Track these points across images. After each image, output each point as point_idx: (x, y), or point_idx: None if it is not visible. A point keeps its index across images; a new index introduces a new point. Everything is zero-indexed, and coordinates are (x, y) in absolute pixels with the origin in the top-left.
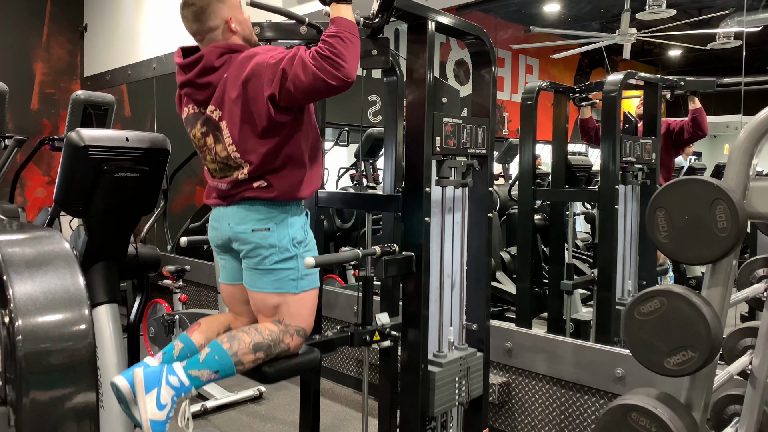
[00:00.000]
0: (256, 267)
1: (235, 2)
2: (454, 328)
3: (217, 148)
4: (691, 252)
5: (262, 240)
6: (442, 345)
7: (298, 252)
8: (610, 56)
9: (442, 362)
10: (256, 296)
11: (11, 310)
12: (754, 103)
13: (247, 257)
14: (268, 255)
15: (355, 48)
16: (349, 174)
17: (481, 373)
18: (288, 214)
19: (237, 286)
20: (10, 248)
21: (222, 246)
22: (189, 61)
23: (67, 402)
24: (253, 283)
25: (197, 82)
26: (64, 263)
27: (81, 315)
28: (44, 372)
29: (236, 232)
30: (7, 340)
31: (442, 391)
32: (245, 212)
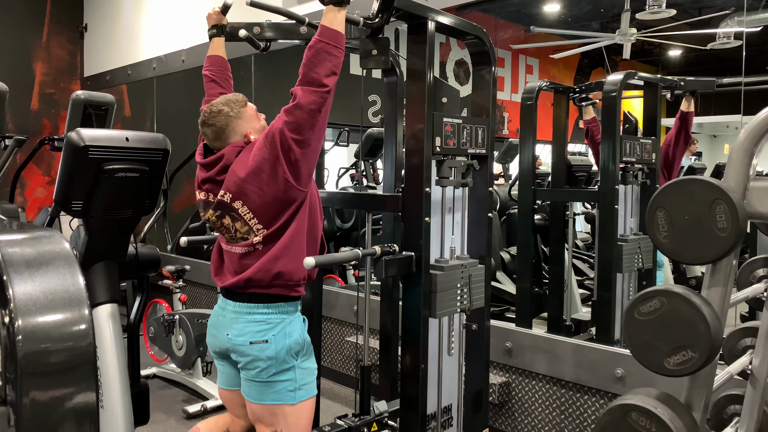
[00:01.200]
0: (254, 379)
1: (251, 113)
2: (455, 237)
3: (237, 225)
4: (691, 252)
5: (260, 353)
6: (444, 252)
7: (295, 363)
8: (610, 56)
9: (443, 266)
10: (255, 407)
11: (11, 310)
12: (754, 103)
13: (245, 369)
14: (266, 367)
15: (331, 57)
16: (349, 174)
17: (482, 283)
18: (286, 321)
19: (235, 391)
20: (10, 248)
21: (220, 353)
22: (210, 160)
23: (67, 402)
24: (250, 394)
25: (217, 179)
26: (64, 263)
27: (81, 315)
28: (44, 372)
29: (234, 344)
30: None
31: (444, 295)
32: (244, 323)
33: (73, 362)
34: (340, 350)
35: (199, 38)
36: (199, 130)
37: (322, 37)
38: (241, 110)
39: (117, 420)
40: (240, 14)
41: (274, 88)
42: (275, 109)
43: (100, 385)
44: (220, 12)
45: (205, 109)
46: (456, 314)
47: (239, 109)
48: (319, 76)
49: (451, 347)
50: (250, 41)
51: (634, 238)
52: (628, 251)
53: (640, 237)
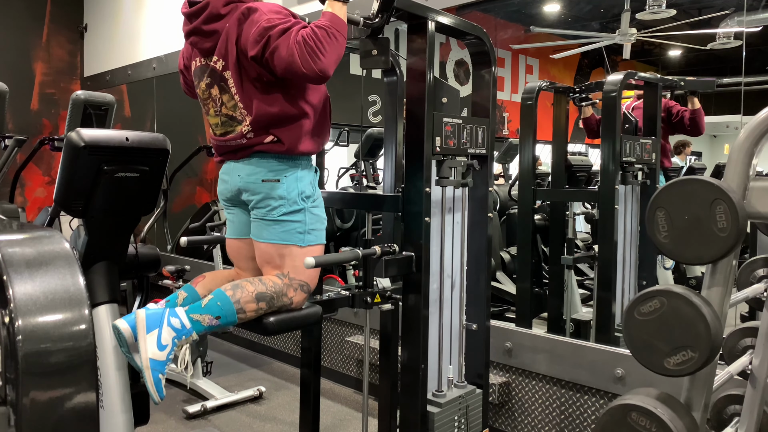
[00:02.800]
0: (264, 217)
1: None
2: (453, 366)
3: (224, 98)
4: (691, 252)
5: (271, 190)
6: (441, 383)
7: (306, 206)
8: (610, 56)
9: (441, 402)
10: (263, 247)
11: (11, 310)
12: (754, 103)
13: (255, 208)
14: (277, 206)
15: (338, 46)
16: (349, 174)
17: (480, 410)
18: (298, 168)
19: (244, 240)
20: (10, 248)
21: (231, 199)
22: (195, 9)
23: (67, 402)
24: (259, 233)
25: (203, 29)
26: (64, 263)
27: (81, 315)
28: (44, 372)
29: (246, 182)
30: (7, 340)
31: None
32: (256, 164)
33: (73, 362)
34: (340, 350)
35: None
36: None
37: (333, 24)
38: None
39: (117, 420)
40: None
41: None
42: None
43: (100, 385)
44: None
45: None
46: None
47: None
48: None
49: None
50: None
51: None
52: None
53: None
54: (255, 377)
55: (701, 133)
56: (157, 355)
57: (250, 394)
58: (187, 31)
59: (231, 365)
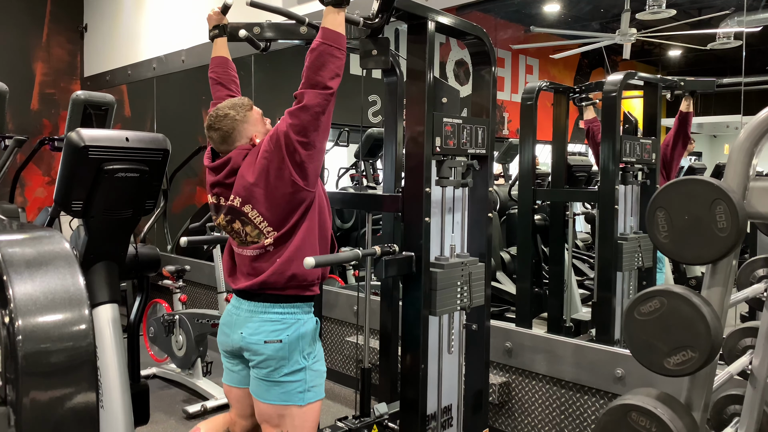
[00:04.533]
0: (265, 378)
1: (257, 116)
2: (456, 235)
3: (247, 229)
4: (691, 252)
5: (274, 352)
6: (444, 249)
7: (307, 364)
8: (610, 56)
9: (443, 264)
10: (263, 407)
11: (11, 310)
12: (754, 103)
13: (256, 367)
14: (278, 367)
15: (334, 59)
16: (349, 174)
17: (482, 281)
18: (300, 322)
19: (243, 390)
20: (10, 248)
21: (231, 352)
22: (218, 163)
23: (67, 402)
24: (260, 393)
25: (226, 183)
26: (64, 263)
27: (81, 315)
28: (44, 372)
29: (248, 342)
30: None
31: (444, 293)
32: (259, 322)
33: (73, 362)
34: (340, 350)
35: (199, 38)
36: (204, 133)
37: (324, 40)
38: (247, 114)
39: (117, 420)
40: (240, 14)
41: (274, 88)
42: (275, 108)
43: (100, 385)
44: (220, 12)
45: (211, 113)
46: (456, 312)
47: (245, 113)
48: (324, 79)
49: (451, 346)
50: (250, 41)
51: (635, 236)
52: (628, 250)
53: (641, 236)
54: None
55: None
56: None
57: None
58: (211, 182)
59: None
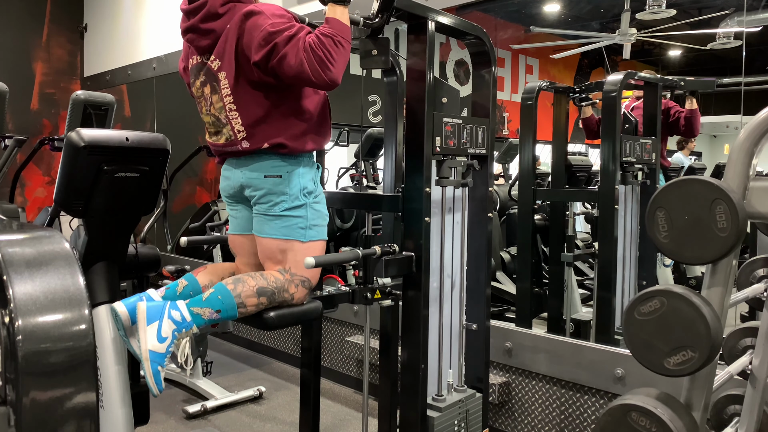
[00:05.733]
0: (266, 213)
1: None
2: (453, 370)
3: (213, 99)
4: (691, 252)
5: (273, 186)
6: (441, 388)
7: (307, 201)
8: (610, 56)
9: (441, 406)
10: (264, 242)
11: (11, 310)
12: (754, 103)
13: (258, 203)
14: (279, 201)
15: (345, 53)
16: (349, 174)
17: (479, 414)
18: (300, 165)
19: (247, 236)
20: (10, 248)
21: (233, 195)
22: (193, 6)
23: (67, 402)
24: (261, 229)
25: (200, 28)
26: (64, 263)
27: (81, 315)
28: (44, 372)
29: (249, 178)
30: (7, 340)
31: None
32: (258, 161)
33: (73, 362)
34: (340, 350)
35: None
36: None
37: (338, 31)
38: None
39: (117, 420)
40: None
41: None
42: None
43: (100, 385)
44: None
45: None
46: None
47: None
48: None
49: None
50: None
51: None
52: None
53: None
54: (255, 377)
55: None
56: (156, 347)
57: (250, 394)
58: (184, 28)
59: (231, 365)
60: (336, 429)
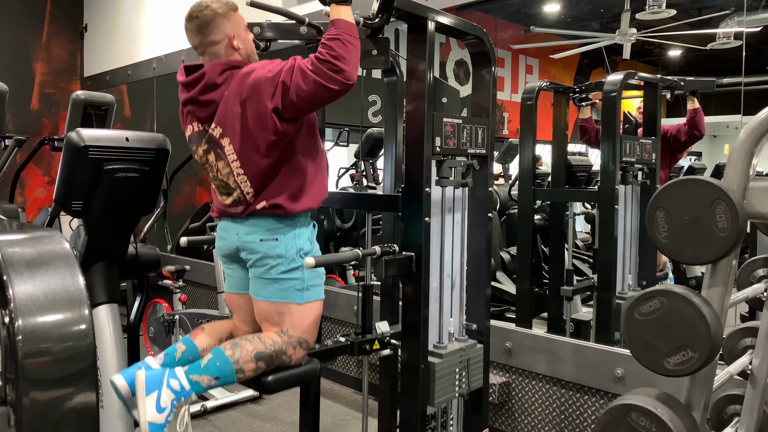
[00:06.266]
0: (263, 276)
1: (240, 21)
2: (454, 320)
3: (219, 165)
4: (691, 252)
5: (269, 250)
6: (443, 336)
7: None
8: (610, 56)
9: (442, 353)
10: (261, 305)
11: (11, 310)
12: (754, 103)
13: (254, 266)
14: (275, 264)
15: (355, 50)
16: (349, 174)
17: (481, 365)
18: (296, 226)
19: (243, 295)
20: (10, 248)
21: (229, 256)
22: (191, 78)
23: (67, 402)
24: (258, 292)
25: (200, 99)
26: (64, 263)
27: (81, 315)
28: (44, 372)
29: (244, 241)
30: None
31: (442, 382)
32: (254, 224)
33: (73, 362)
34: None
35: None
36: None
37: (345, 30)
38: (229, 11)
39: (117, 420)
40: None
41: None
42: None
43: (100, 385)
44: None
45: (193, 5)
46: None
47: (227, 10)
48: (351, 70)
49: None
50: None
51: (633, 294)
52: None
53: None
54: None
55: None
56: (155, 417)
57: (250, 394)
58: (184, 99)
59: None
60: (336, 429)
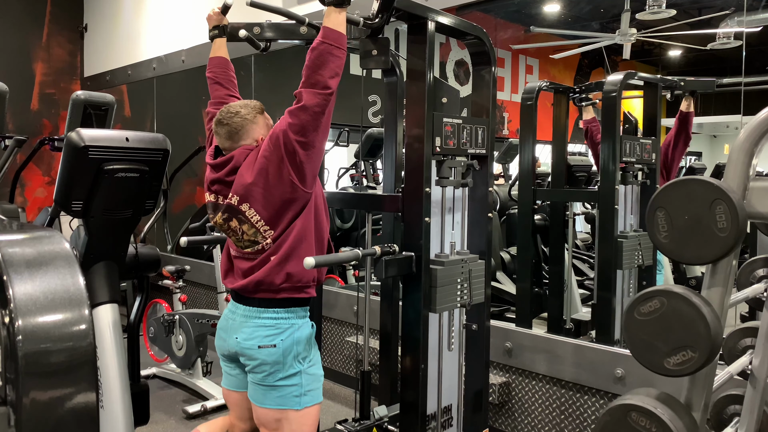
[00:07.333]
0: (261, 383)
1: (267, 121)
2: (456, 232)
3: (244, 228)
4: (691, 252)
5: (267, 357)
6: (444, 247)
7: (302, 368)
8: (610, 56)
9: (443, 261)
10: (260, 411)
11: (11, 310)
12: (754, 103)
13: (252, 372)
14: (273, 371)
15: (334, 57)
16: (349, 174)
17: (482, 278)
18: (295, 326)
19: (241, 393)
20: (10, 248)
21: (228, 356)
22: (220, 161)
23: (67, 402)
24: (256, 398)
25: (226, 180)
26: (64, 263)
27: (81, 315)
28: (44, 372)
29: (243, 348)
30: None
31: (444, 290)
32: (254, 327)
33: (73, 362)
34: (340, 350)
35: (199, 38)
36: (204, 133)
37: (325, 39)
38: (257, 116)
39: (117, 420)
40: (240, 14)
41: (274, 88)
42: (275, 108)
43: (100, 385)
44: (220, 13)
45: (222, 109)
46: (456, 310)
47: (255, 115)
48: (323, 78)
49: (451, 343)
50: (250, 41)
51: (635, 234)
52: (628, 248)
53: (641, 234)
54: None
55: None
56: None
57: None
58: (210, 179)
59: None
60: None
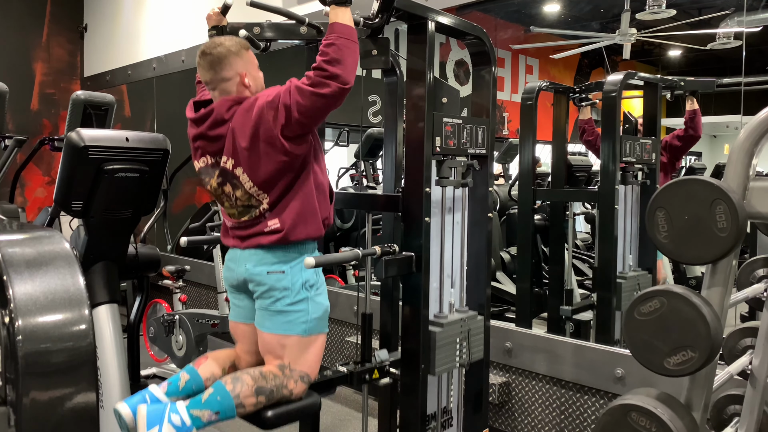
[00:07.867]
0: (268, 308)
1: (252, 59)
2: (455, 290)
3: (237, 194)
4: (691, 252)
5: (276, 282)
6: (443, 307)
7: (309, 295)
8: (610, 56)
9: (442, 323)
10: (266, 336)
11: (11, 310)
12: (754, 103)
13: (260, 298)
14: (281, 297)
15: (352, 53)
16: (349, 174)
17: (481, 336)
18: (303, 256)
19: (248, 325)
20: (10, 248)
21: (237, 286)
22: (200, 114)
23: (67, 402)
24: (263, 323)
25: (209, 135)
26: (64, 263)
27: (81, 315)
28: (44, 372)
29: (252, 273)
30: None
31: (443, 351)
32: (262, 254)
33: (73, 362)
34: (340, 350)
35: (199, 38)
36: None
37: (341, 34)
38: (242, 50)
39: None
40: (240, 14)
41: None
42: None
43: (100, 385)
44: (219, 13)
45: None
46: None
47: (240, 48)
48: (345, 73)
49: (450, 402)
50: (250, 41)
51: (633, 275)
52: (627, 289)
53: (639, 273)
54: None
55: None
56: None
57: None
58: (193, 135)
59: None
60: (336, 429)
